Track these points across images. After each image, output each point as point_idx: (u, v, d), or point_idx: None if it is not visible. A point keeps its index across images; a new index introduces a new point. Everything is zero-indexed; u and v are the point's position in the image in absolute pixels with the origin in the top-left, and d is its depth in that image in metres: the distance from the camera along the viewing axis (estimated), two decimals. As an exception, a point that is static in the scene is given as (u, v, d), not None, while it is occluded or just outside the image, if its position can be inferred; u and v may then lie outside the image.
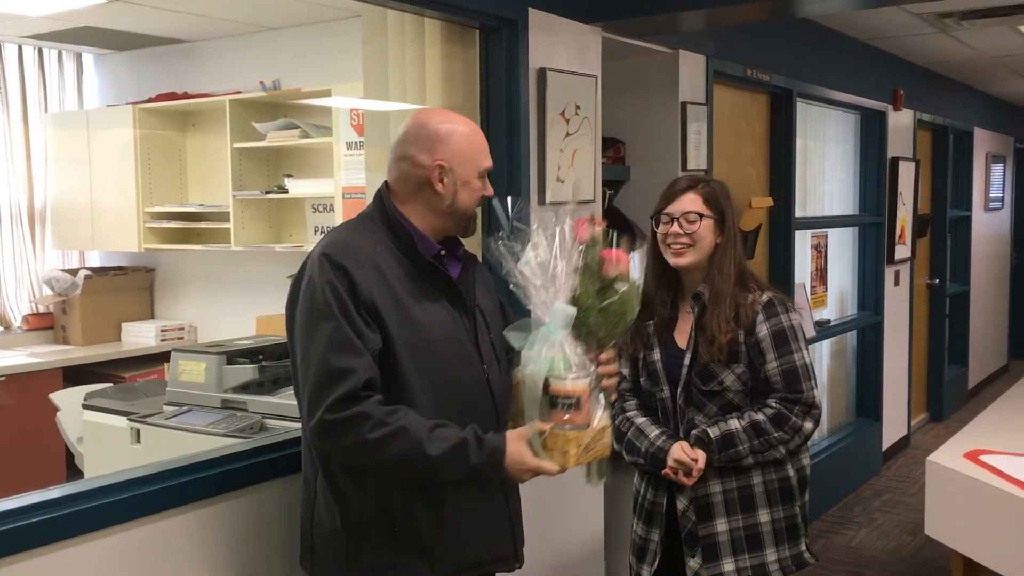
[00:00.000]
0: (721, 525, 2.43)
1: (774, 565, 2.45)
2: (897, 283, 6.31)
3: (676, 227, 2.45)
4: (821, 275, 5.58)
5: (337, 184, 4.57)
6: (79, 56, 5.73)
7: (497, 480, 1.93)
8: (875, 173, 5.99)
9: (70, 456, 3.95)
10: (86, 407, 3.38)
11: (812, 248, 5.47)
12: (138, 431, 3.07)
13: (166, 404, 3.15)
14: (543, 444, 1.90)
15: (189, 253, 5.50)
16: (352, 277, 1.90)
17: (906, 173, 6.29)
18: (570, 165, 3.18)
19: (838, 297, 5.92)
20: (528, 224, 1.95)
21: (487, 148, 2.11)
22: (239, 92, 5.03)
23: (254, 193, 5.02)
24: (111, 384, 4.24)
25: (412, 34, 2.91)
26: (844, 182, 5.95)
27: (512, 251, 1.93)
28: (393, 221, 2.03)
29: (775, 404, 2.41)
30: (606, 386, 2.02)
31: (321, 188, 4.80)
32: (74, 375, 5.01)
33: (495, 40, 2.96)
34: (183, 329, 5.57)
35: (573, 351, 1.90)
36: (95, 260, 5.87)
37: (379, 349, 1.91)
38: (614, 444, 2.60)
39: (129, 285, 5.67)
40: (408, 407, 1.92)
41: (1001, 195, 9.07)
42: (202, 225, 5.30)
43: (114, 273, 5.64)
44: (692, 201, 2.45)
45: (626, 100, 3.91)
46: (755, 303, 2.43)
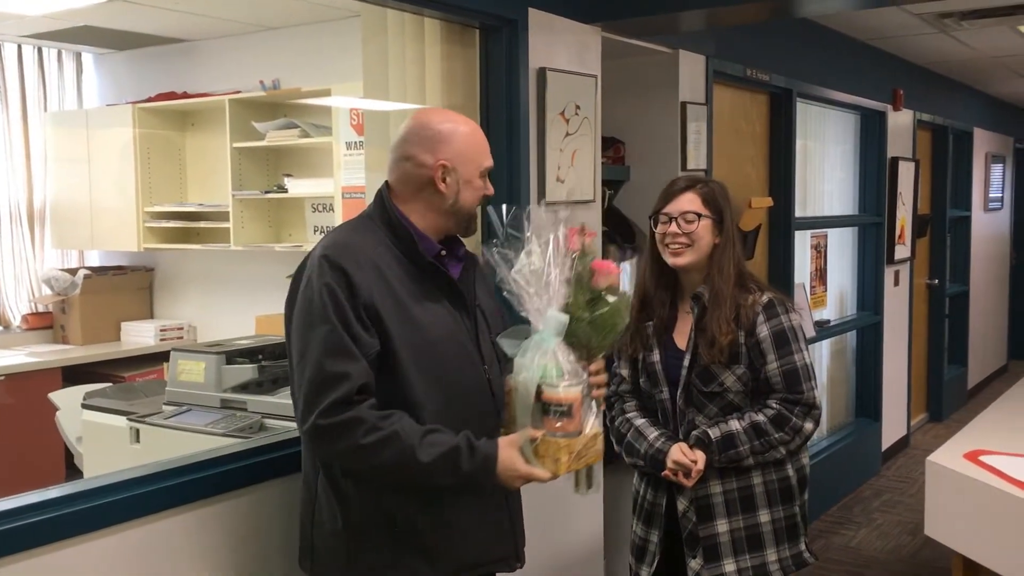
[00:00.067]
0: (722, 525, 2.43)
1: (774, 565, 2.45)
2: (897, 283, 6.31)
3: (674, 227, 2.44)
4: (821, 275, 5.58)
5: (337, 184, 4.57)
6: (79, 55, 5.73)
7: (489, 486, 1.94)
8: (875, 173, 5.99)
9: (69, 456, 3.94)
10: (85, 407, 3.38)
11: (812, 248, 5.47)
12: (137, 431, 3.06)
13: (165, 404, 3.15)
14: (535, 451, 1.91)
15: (188, 253, 5.50)
16: (351, 279, 1.90)
17: (906, 173, 6.29)
18: (570, 165, 3.18)
19: (838, 297, 5.92)
20: (523, 231, 1.95)
21: (488, 147, 2.11)
22: (239, 92, 5.02)
23: (254, 193, 5.02)
24: (110, 384, 4.24)
25: (412, 34, 2.91)
26: (844, 182, 5.95)
27: (506, 258, 1.93)
28: (394, 221, 2.02)
29: (775, 405, 2.41)
30: (596, 395, 2.03)
31: (321, 188, 4.80)
32: (73, 375, 5.00)
33: (495, 40, 2.95)
34: (182, 329, 5.56)
35: (566, 359, 1.91)
36: (94, 260, 5.87)
37: (377, 352, 1.91)
38: (614, 445, 2.61)
39: (128, 285, 5.67)
40: (408, 409, 1.92)
41: (1001, 195, 9.07)
42: (201, 225, 5.30)
43: (113, 273, 5.64)
44: (690, 201, 2.45)
45: (626, 100, 3.90)
46: (755, 304, 2.43)
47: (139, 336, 5.50)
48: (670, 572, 2.52)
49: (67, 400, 3.77)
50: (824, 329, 5.42)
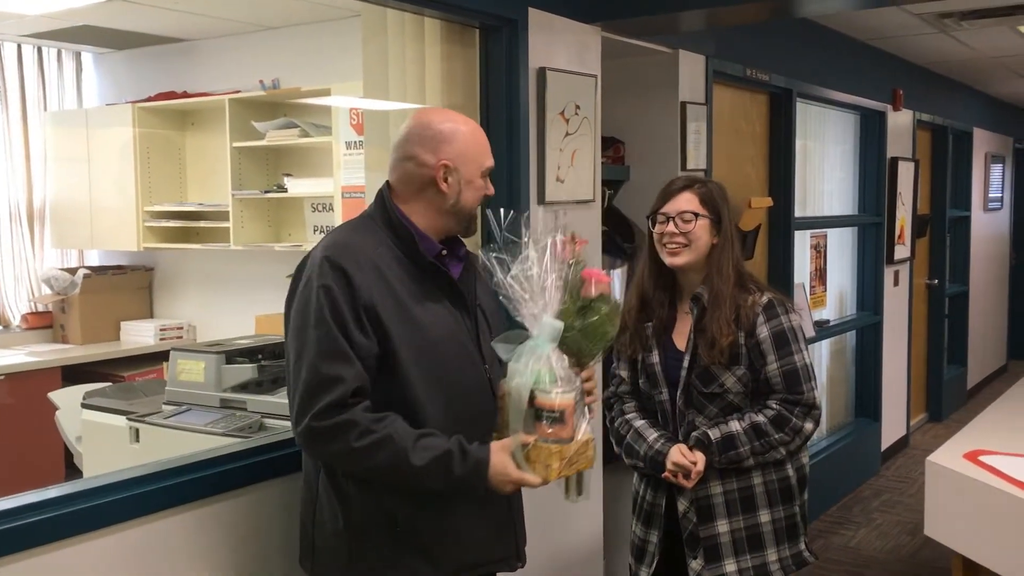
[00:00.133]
0: (722, 526, 2.43)
1: (775, 565, 2.45)
2: (896, 283, 6.31)
3: (671, 227, 2.44)
4: (820, 275, 5.59)
5: (336, 183, 4.57)
6: (78, 55, 5.72)
7: (480, 490, 1.94)
8: (874, 173, 5.99)
9: (69, 455, 3.94)
10: (85, 406, 3.38)
11: (811, 248, 5.47)
12: (137, 430, 3.06)
13: (165, 403, 3.15)
14: (526, 456, 1.92)
15: (188, 252, 5.50)
16: (352, 280, 1.90)
17: (905, 173, 6.29)
18: (570, 165, 3.18)
19: (837, 297, 5.92)
20: (520, 236, 1.94)
21: (489, 147, 2.11)
22: (238, 91, 5.02)
23: (253, 192, 5.02)
24: (110, 383, 4.24)
25: (412, 33, 2.91)
26: (843, 182, 5.95)
27: (502, 263, 1.93)
28: (395, 221, 2.02)
29: (775, 405, 2.40)
30: (589, 401, 2.03)
31: (320, 187, 4.80)
32: (73, 374, 5.00)
33: (495, 40, 2.95)
34: (182, 328, 5.56)
35: (560, 365, 1.91)
36: (94, 259, 5.87)
37: (376, 354, 1.91)
38: (614, 447, 2.61)
39: (128, 284, 5.66)
40: (409, 409, 1.93)
41: (1000, 195, 9.07)
42: (201, 224, 5.30)
43: (113, 272, 5.64)
44: (688, 201, 2.45)
45: (626, 100, 3.90)
46: (755, 304, 2.43)
47: (139, 336, 5.49)
48: (669, 572, 2.52)
49: (67, 400, 3.77)
50: (824, 329, 5.42)
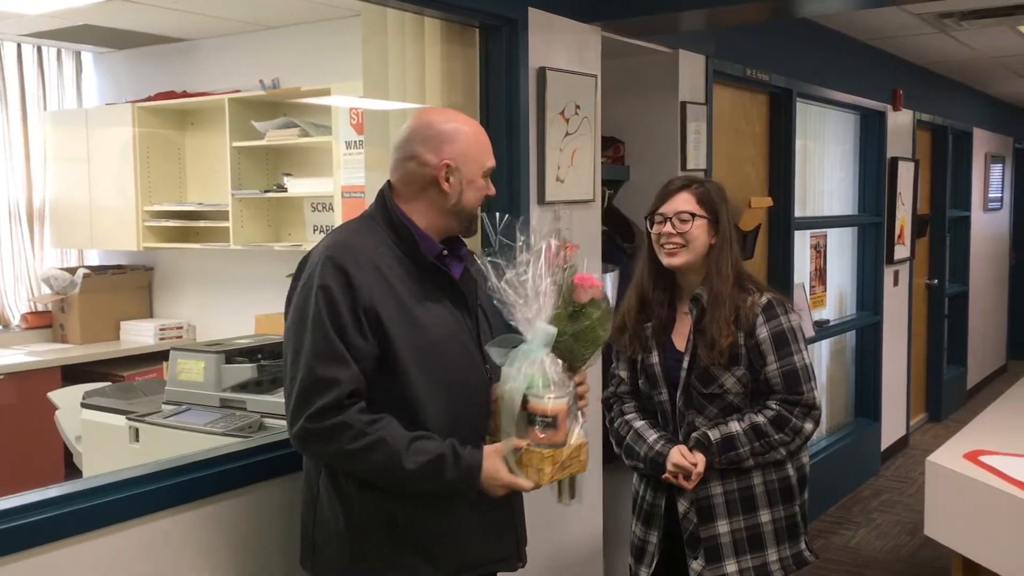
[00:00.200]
0: (723, 526, 2.43)
1: (775, 565, 2.45)
2: (896, 283, 6.31)
3: (669, 227, 2.44)
4: (820, 275, 5.58)
5: (336, 183, 4.57)
6: (78, 54, 5.72)
7: (472, 494, 1.94)
8: (874, 173, 5.99)
9: (68, 455, 3.94)
10: (85, 406, 3.38)
11: (811, 248, 5.47)
12: (137, 430, 3.06)
13: (165, 403, 3.15)
14: (518, 461, 1.92)
15: (188, 252, 5.50)
16: (352, 281, 1.90)
17: (905, 173, 6.29)
18: (570, 164, 3.18)
19: (837, 297, 5.92)
20: (515, 240, 1.94)
21: (491, 148, 2.11)
22: (238, 91, 5.02)
23: (253, 192, 5.02)
24: (110, 383, 4.24)
25: (412, 33, 2.91)
26: (843, 182, 5.95)
27: (497, 267, 1.93)
28: (396, 221, 2.02)
29: (775, 406, 2.40)
30: (582, 406, 2.03)
31: (320, 187, 4.80)
32: (72, 374, 5.00)
33: (495, 39, 2.95)
34: (182, 328, 5.56)
35: (553, 369, 1.91)
36: (94, 259, 5.87)
37: (375, 355, 1.91)
38: (614, 447, 2.61)
39: (128, 284, 5.66)
40: (411, 409, 1.93)
41: (1000, 195, 9.07)
42: (201, 224, 5.30)
43: (113, 272, 5.64)
44: (685, 201, 2.45)
45: (626, 100, 3.90)
46: (754, 305, 2.42)
47: (138, 335, 5.49)
48: (669, 572, 2.52)
49: (66, 399, 3.77)
50: (823, 329, 5.42)
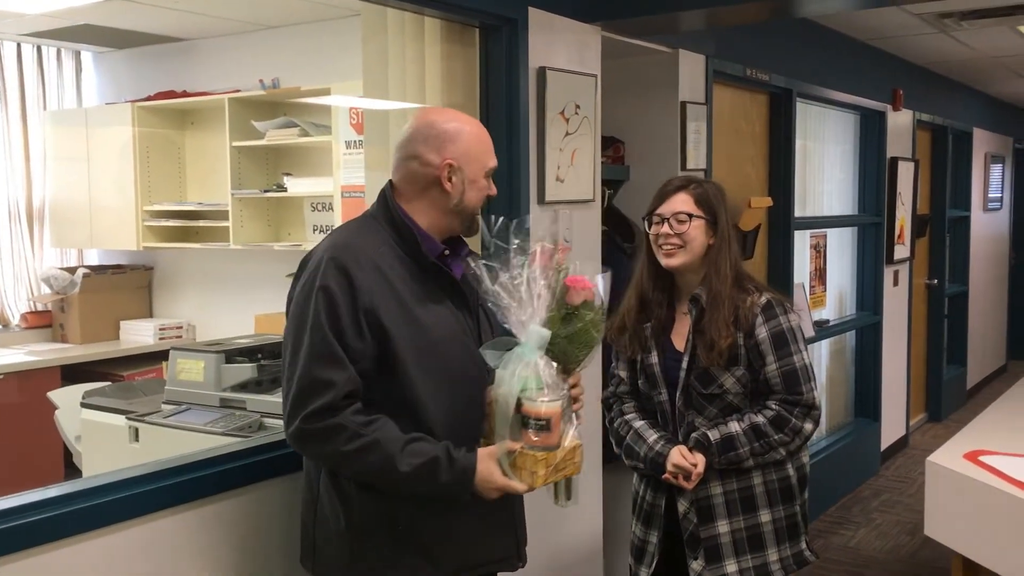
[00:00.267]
0: (723, 526, 2.43)
1: (776, 564, 2.45)
2: (896, 283, 6.31)
3: (666, 228, 2.44)
4: (820, 275, 5.58)
5: (336, 183, 4.57)
6: (78, 54, 5.72)
7: (466, 496, 1.94)
8: (874, 173, 5.99)
9: (68, 455, 3.94)
10: (84, 405, 3.37)
11: (811, 248, 5.47)
12: (136, 430, 3.06)
13: (164, 403, 3.15)
14: (512, 464, 1.92)
15: (188, 251, 5.50)
16: (353, 281, 1.90)
17: (905, 173, 6.29)
18: (570, 164, 3.18)
19: (837, 297, 5.92)
20: (509, 243, 1.94)
21: (492, 148, 2.11)
22: (238, 90, 5.02)
23: (253, 192, 5.02)
24: (109, 383, 4.24)
25: (412, 33, 2.91)
26: (843, 182, 5.94)
27: (491, 270, 1.93)
28: (397, 221, 2.02)
29: (775, 406, 2.40)
30: (576, 408, 2.03)
31: (320, 187, 4.80)
32: (72, 373, 5.00)
33: (495, 39, 2.95)
34: (181, 328, 5.56)
35: (547, 372, 1.91)
36: (93, 258, 5.87)
37: (374, 356, 1.91)
38: (614, 447, 2.61)
39: (127, 283, 5.66)
40: (412, 409, 1.93)
41: (1000, 195, 9.07)
42: (201, 224, 5.30)
43: (112, 271, 5.64)
44: (683, 202, 2.44)
45: (626, 100, 3.90)
46: (753, 305, 2.42)
47: (138, 335, 5.49)
48: (669, 573, 2.52)
49: (66, 399, 3.77)
50: (823, 329, 5.42)
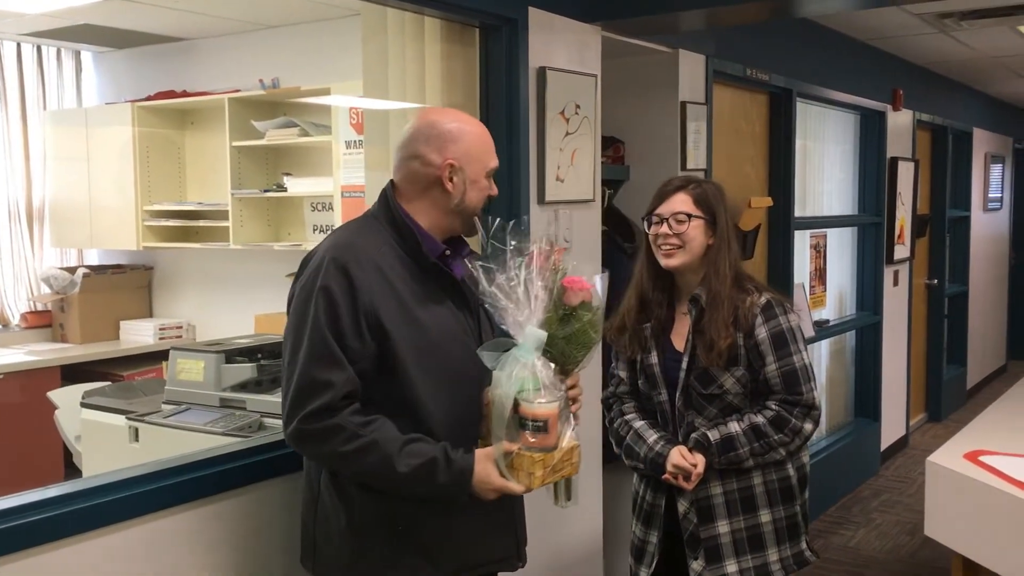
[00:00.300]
0: (723, 526, 2.43)
1: (776, 565, 2.45)
2: (896, 283, 6.31)
3: (665, 228, 2.44)
4: (820, 275, 5.58)
5: (336, 183, 4.57)
6: (78, 54, 5.72)
7: (463, 497, 1.95)
8: (874, 173, 5.99)
9: (68, 454, 3.94)
10: (84, 405, 3.37)
11: (811, 248, 5.47)
12: (136, 430, 3.06)
13: (164, 403, 3.15)
14: (509, 465, 1.92)
15: (188, 251, 5.50)
16: (354, 282, 1.90)
17: (905, 173, 6.29)
18: (570, 164, 3.18)
19: (837, 297, 5.92)
20: (506, 244, 1.94)
21: (494, 148, 2.11)
22: (238, 90, 5.02)
23: (253, 191, 5.02)
24: (109, 382, 4.24)
25: (412, 33, 2.91)
26: (843, 182, 5.95)
27: (488, 271, 1.93)
28: (398, 221, 2.02)
29: (775, 406, 2.40)
30: (574, 409, 2.03)
31: (320, 187, 4.80)
32: (72, 373, 5.00)
33: (495, 39, 2.95)
34: (181, 327, 5.56)
35: (544, 373, 1.91)
36: (93, 258, 5.87)
37: (374, 356, 1.91)
38: (613, 447, 2.60)
39: (127, 283, 5.66)
40: (413, 410, 1.93)
41: (1000, 195, 9.07)
42: (201, 223, 5.30)
43: (112, 271, 5.64)
44: (682, 202, 2.44)
45: (626, 100, 3.90)
46: (753, 305, 2.42)
47: (138, 335, 5.49)
48: (669, 573, 2.52)
49: (66, 399, 3.77)
50: (823, 329, 5.42)
